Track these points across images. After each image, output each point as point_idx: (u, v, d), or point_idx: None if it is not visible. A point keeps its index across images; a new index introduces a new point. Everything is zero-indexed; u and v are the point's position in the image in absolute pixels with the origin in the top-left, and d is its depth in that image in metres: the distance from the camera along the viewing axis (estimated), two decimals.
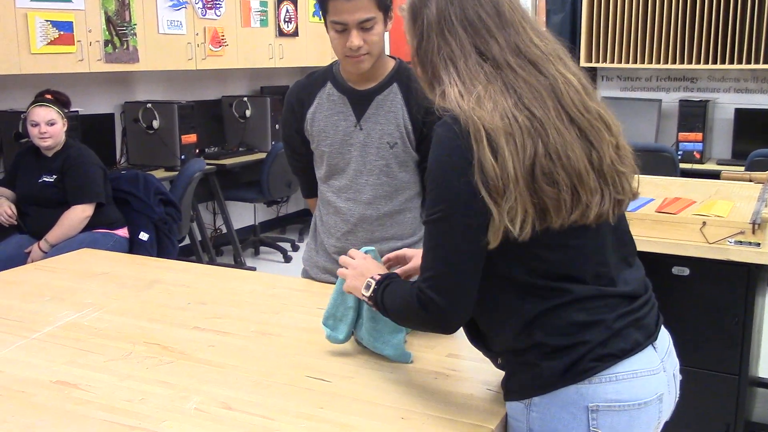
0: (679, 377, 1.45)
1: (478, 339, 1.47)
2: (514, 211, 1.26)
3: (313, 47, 6.37)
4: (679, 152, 5.37)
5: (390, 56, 2.11)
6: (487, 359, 1.57)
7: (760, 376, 3.30)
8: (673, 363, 1.43)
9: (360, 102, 2.07)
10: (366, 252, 1.68)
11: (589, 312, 1.32)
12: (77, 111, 4.68)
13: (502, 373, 1.48)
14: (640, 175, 1.43)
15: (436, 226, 1.32)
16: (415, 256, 1.69)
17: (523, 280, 1.32)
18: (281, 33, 6.10)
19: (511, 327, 1.34)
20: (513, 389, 1.38)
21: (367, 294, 1.52)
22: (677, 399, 1.44)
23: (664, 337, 1.43)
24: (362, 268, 1.57)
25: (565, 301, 1.32)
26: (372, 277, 1.52)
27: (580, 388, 1.30)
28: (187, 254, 5.43)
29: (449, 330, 1.38)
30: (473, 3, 1.35)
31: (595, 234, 1.36)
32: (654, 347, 1.37)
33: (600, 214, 1.33)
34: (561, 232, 1.30)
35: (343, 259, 1.64)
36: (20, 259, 3.62)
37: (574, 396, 1.31)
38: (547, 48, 1.36)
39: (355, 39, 1.92)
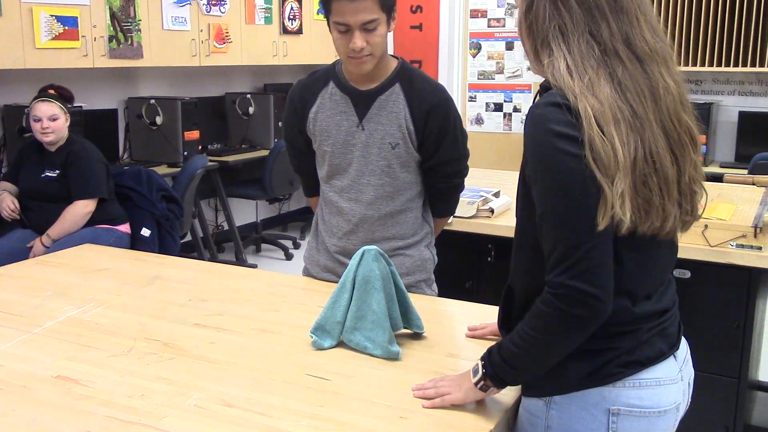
0: (692, 386, 1.44)
1: (507, 325, 1.43)
2: (624, 198, 1.20)
3: (317, 45, 6.37)
4: None
5: (392, 56, 2.11)
6: None
7: (760, 379, 3.30)
8: (689, 372, 1.43)
9: (362, 102, 2.07)
10: (368, 251, 1.68)
11: (627, 326, 1.31)
12: (81, 106, 4.68)
13: None
14: None
15: (555, 216, 1.23)
16: (489, 325, 1.71)
17: None
18: (285, 30, 6.10)
19: None
20: (534, 386, 1.37)
21: (478, 377, 1.37)
22: (688, 406, 1.44)
23: (684, 346, 1.43)
24: (456, 378, 1.44)
25: (610, 321, 1.27)
26: (473, 369, 1.39)
27: (603, 391, 1.30)
28: (188, 251, 5.43)
29: (602, 317, 1.24)
30: None
31: (658, 249, 1.34)
32: (675, 357, 1.37)
33: (672, 227, 1.30)
34: (637, 241, 1.26)
35: (421, 393, 1.46)
36: (22, 253, 3.62)
37: (597, 398, 1.30)
38: (656, 46, 1.29)
39: (358, 40, 1.92)
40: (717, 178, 3.35)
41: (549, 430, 1.34)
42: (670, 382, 1.34)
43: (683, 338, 1.44)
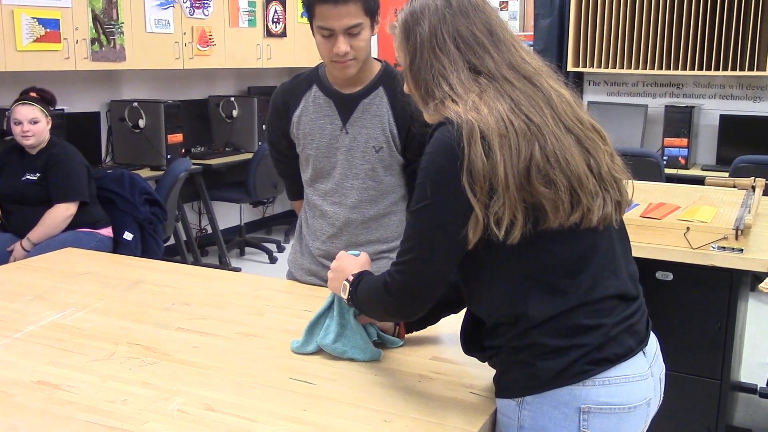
0: (663, 381, 1.47)
1: (472, 339, 1.48)
2: (500, 215, 1.28)
3: (302, 48, 6.36)
4: (665, 158, 5.40)
5: (376, 59, 2.11)
6: (472, 362, 1.57)
7: (742, 380, 3.33)
8: (660, 367, 1.46)
9: (346, 106, 2.07)
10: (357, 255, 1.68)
11: (590, 316, 1.34)
12: (63, 109, 4.65)
13: (486, 376, 1.49)
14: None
15: (418, 216, 1.35)
16: None
17: (534, 275, 1.33)
18: (269, 33, 6.09)
19: (513, 324, 1.35)
20: (506, 387, 1.39)
21: (345, 296, 1.57)
22: (660, 401, 1.46)
23: (653, 342, 1.46)
24: (339, 270, 1.62)
25: (572, 305, 1.33)
26: (347, 279, 1.57)
27: (574, 390, 1.32)
28: (171, 254, 5.40)
29: (406, 315, 1.48)
30: (466, 22, 1.39)
31: (603, 236, 1.39)
32: (644, 353, 1.40)
33: (604, 216, 1.36)
34: (569, 230, 1.32)
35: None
36: (2, 257, 3.59)
37: (567, 397, 1.33)
38: (537, 65, 1.41)
39: (342, 45, 1.92)
40: (698, 181, 3.38)
41: (522, 430, 1.36)
42: (639, 378, 1.37)
43: (653, 334, 1.46)
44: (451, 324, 1.78)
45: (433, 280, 1.38)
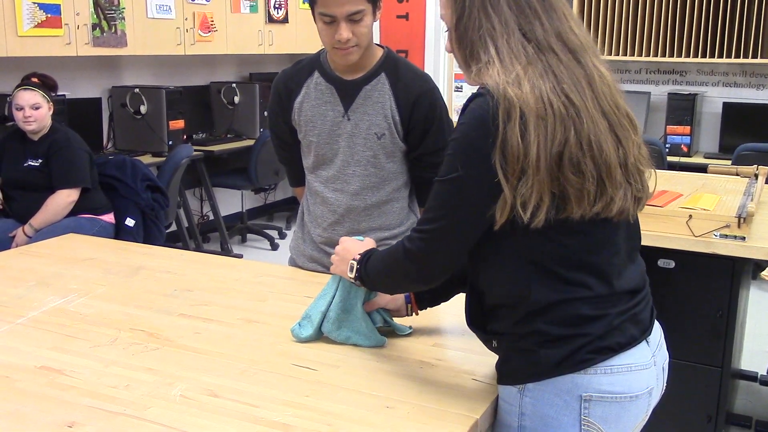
0: (666, 370, 1.47)
1: (476, 317, 1.46)
2: (527, 197, 1.25)
3: (303, 34, 6.34)
4: (667, 145, 5.39)
5: (378, 45, 2.10)
6: (474, 348, 1.58)
7: (742, 368, 3.33)
8: (663, 356, 1.45)
9: (348, 92, 2.06)
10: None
11: (594, 307, 1.33)
12: (64, 95, 4.64)
13: (488, 363, 1.49)
14: None
15: (446, 187, 1.32)
16: None
17: (541, 263, 1.32)
18: (271, 19, 6.07)
19: (517, 310, 1.34)
20: (507, 373, 1.39)
21: (353, 275, 1.55)
22: (663, 390, 1.46)
23: (657, 331, 1.45)
24: (344, 252, 1.60)
25: (576, 296, 1.32)
26: (354, 259, 1.55)
27: (575, 378, 1.32)
28: (173, 241, 5.41)
29: (426, 281, 1.43)
30: None
31: (616, 230, 1.37)
32: (647, 342, 1.39)
33: (622, 209, 1.33)
34: (583, 221, 1.30)
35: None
36: (4, 243, 3.60)
37: (569, 385, 1.32)
38: (585, 38, 1.35)
39: (344, 32, 1.91)
40: (701, 169, 3.37)
41: (523, 417, 1.36)
42: (642, 367, 1.36)
43: (657, 323, 1.46)
44: (454, 311, 1.78)
45: (456, 252, 1.36)
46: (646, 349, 1.38)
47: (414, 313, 1.71)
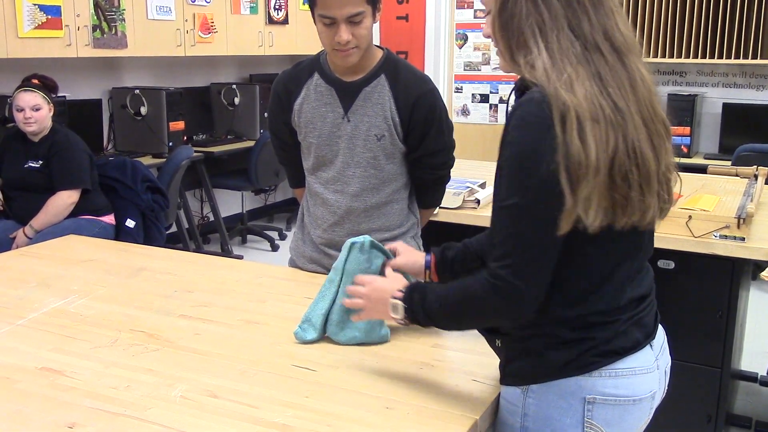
0: (668, 373, 1.46)
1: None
2: (590, 202, 1.20)
3: (303, 35, 6.34)
4: None
5: (378, 46, 2.10)
6: (474, 349, 1.58)
7: (742, 369, 3.34)
8: (666, 360, 1.45)
9: (347, 94, 2.06)
10: (362, 242, 1.67)
11: (607, 315, 1.32)
12: (64, 96, 4.65)
13: (488, 364, 1.49)
14: None
15: (515, 212, 1.24)
16: (405, 252, 1.70)
17: (559, 272, 1.28)
18: (271, 20, 6.07)
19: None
20: (511, 374, 1.39)
21: (400, 316, 1.44)
22: (664, 393, 1.46)
23: (660, 335, 1.44)
24: (377, 293, 1.50)
25: (591, 307, 1.31)
26: (394, 297, 1.44)
27: (580, 380, 1.32)
28: (173, 242, 5.41)
29: (523, 316, 1.30)
30: None
31: (638, 240, 1.35)
32: (651, 346, 1.39)
33: (652, 219, 1.30)
34: (618, 231, 1.26)
35: (352, 289, 1.57)
36: (5, 244, 3.60)
37: (573, 387, 1.32)
38: (630, 37, 1.29)
39: (344, 33, 1.91)
40: (701, 170, 3.37)
41: (526, 418, 1.36)
42: (646, 371, 1.36)
43: (660, 326, 1.45)
44: None
45: (546, 275, 1.27)
46: (649, 352, 1.38)
47: (431, 279, 1.65)
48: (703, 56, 5.40)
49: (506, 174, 1.25)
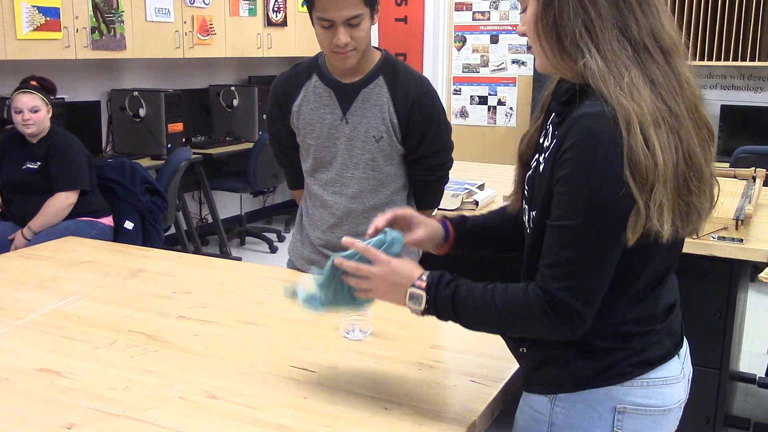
0: (690, 382, 1.43)
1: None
2: (662, 210, 1.15)
3: (302, 37, 6.35)
4: None
5: (376, 48, 2.11)
6: (472, 350, 1.58)
7: (741, 370, 3.34)
8: (689, 368, 1.42)
9: (346, 95, 2.06)
10: (370, 245, 1.40)
11: (641, 324, 1.29)
12: (63, 98, 4.64)
13: (486, 365, 1.49)
14: None
15: (577, 233, 1.18)
16: (422, 224, 1.52)
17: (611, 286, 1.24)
18: (270, 22, 6.07)
19: None
20: (539, 382, 1.34)
21: (421, 308, 1.31)
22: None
23: (685, 343, 1.42)
24: (394, 277, 1.33)
25: (628, 317, 1.28)
26: (415, 285, 1.31)
27: (611, 390, 1.28)
28: (172, 243, 5.41)
29: (576, 336, 1.23)
30: None
31: (681, 245, 1.32)
32: (678, 355, 1.36)
33: (696, 228, 1.25)
34: (672, 240, 1.20)
35: (362, 268, 1.36)
36: (3, 246, 3.59)
37: (603, 396, 1.29)
38: (676, 38, 1.23)
39: (342, 36, 1.91)
40: None
41: (553, 427, 1.32)
42: (675, 381, 1.33)
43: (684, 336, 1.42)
44: None
45: (603, 294, 1.22)
46: (677, 362, 1.35)
47: (450, 249, 1.53)
48: (701, 58, 5.41)
49: (567, 192, 1.18)
